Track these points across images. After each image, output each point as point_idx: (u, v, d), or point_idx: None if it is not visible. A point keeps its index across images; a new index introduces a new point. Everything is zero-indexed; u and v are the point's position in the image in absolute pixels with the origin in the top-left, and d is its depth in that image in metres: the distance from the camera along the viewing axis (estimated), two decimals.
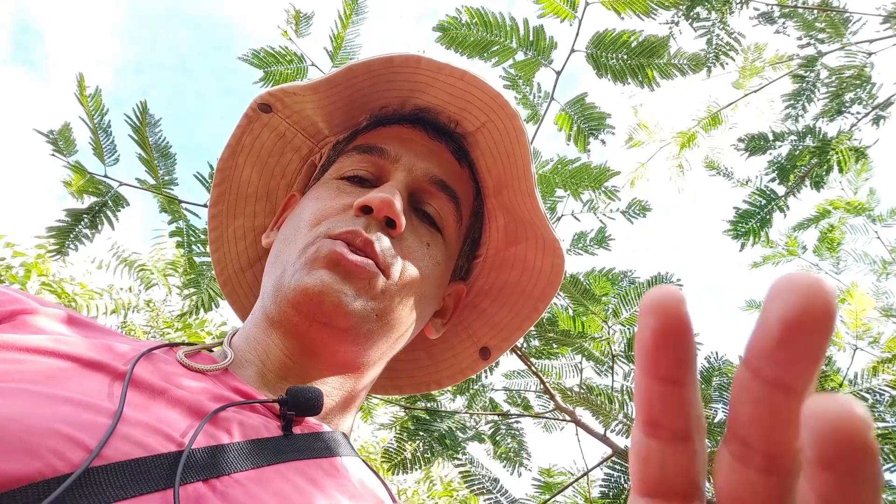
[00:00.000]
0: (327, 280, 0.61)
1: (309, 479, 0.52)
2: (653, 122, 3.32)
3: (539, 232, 0.81)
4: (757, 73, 3.10)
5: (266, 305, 0.66)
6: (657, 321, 0.24)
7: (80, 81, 1.53)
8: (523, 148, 0.75)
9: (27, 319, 0.55)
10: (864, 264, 2.93)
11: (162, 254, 3.75)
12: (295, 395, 0.57)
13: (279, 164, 0.83)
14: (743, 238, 2.53)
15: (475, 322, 0.88)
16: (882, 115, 2.62)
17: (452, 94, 0.75)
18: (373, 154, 0.74)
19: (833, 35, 2.62)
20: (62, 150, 1.57)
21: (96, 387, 0.47)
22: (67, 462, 0.39)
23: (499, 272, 0.87)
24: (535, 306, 0.86)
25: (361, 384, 0.70)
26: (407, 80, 0.75)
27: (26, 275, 4.14)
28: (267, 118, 0.78)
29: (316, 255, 0.63)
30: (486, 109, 0.75)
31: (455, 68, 0.71)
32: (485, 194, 0.83)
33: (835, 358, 1.68)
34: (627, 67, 1.57)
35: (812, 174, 2.67)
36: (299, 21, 1.74)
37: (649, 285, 1.81)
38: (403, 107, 0.79)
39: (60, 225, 1.58)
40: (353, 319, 0.62)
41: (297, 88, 0.75)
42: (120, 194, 1.64)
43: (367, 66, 0.72)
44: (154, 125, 1.59)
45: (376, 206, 0.65)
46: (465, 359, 0.89)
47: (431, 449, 1.87)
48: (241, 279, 0.87)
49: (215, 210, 0.83)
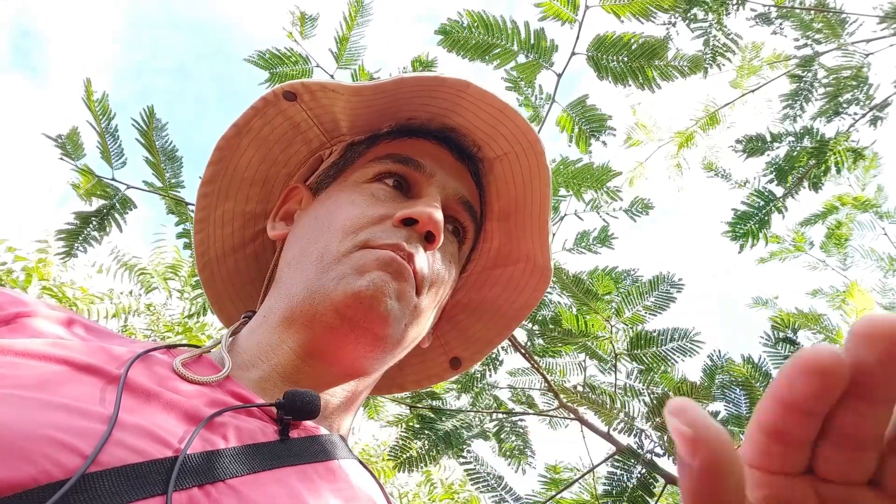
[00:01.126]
0: (379, 280, 0.62)
1: (305, 483, 0.52)
2: (651, 122, 3.34)
3: (535, 262, 0.84)
4: (755, 72, 3.12)
5: (293, 306, 0.65)
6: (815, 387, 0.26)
7: (88, 86, 1.55)
8: (545, 185, 0.79)
9: (27, 322, 0.56)
10: (871, 261, 2.94)
11: (162, 257, 3.76)
12: (292, 399, 0.57)
13: (284, 153, 0.82)
14: (742, 239, 2.55)
15: (449, 333, 0.90)
16: (879, 115, 2.64)
17: (483, 121, 0.77)
18: (409, 166, 0.75)
19: (830, 35, 2.64)
20: (70, 153, 1.59)
21: (91, 391, 0.47)
22: (62, 468, 0.39)
23: (479, 289, 0.89)
24: (508, 324, 0.89)
25: (364, 387, 0.71)
26: (448, 100, 0.76)
27: (27, 279, 4.13)
28: (286, 105, 0.77)
29: (363, 260, 0.63)
30: (513, 141, 0.77)
31: (497, 99, 0.74)
32: (487, 217, 0.86)
33: None
34: (628, 69, 1.59)
35: (810, 175, 2.68)
36: (304, 23, 1.76)
37: (651, 285, 1.83)
38: (430, 122, 0.80)
39: (69, 228, 1.60)
40: (392, 327, 0.63)
41: (340, 87, 0.74)
42: (127, 197, 1.66)
43: (417, 81, 0.73)
44: (161, 129, 1.61)
45: (424, 220, 0.66)
46: (433, 367, 0.91)
47: (436, 447, 1.88)
48: (221, 264, 0.85)
49: (207, 189, 0.80)
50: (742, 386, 1.78)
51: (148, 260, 3.78)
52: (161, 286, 3.83)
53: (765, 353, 1.76)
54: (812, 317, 1.85)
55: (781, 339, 1.69)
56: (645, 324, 1.85)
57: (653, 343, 1.82)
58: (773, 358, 1.75)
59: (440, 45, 1.63)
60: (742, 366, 1.76)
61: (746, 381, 1.76)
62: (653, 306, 1.82)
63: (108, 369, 0.50)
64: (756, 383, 1.75)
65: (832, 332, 1.85)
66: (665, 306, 1.81)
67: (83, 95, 1.56)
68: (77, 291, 4.29)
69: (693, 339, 1.79)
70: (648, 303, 1.82)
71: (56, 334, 0.55)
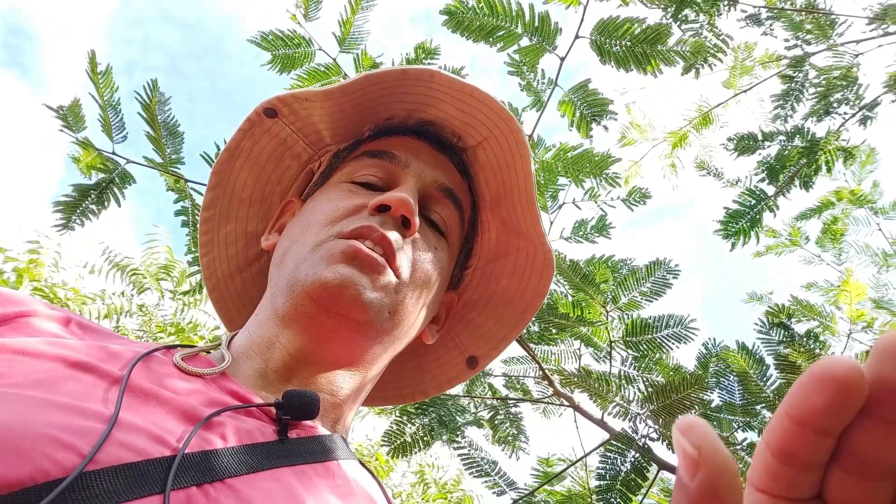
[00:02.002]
0: (346, 273, 0.62)
1: (304, 483, 0.52)
2: (645, 121, 3.37)
3: (533, 242, 0.84)
4: (747, 72, 3.16)
5: (277, 303, 0.66)
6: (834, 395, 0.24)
7: (92, 58, 1.54)
8: (525, 160, 0.79)
9: (25, 322, 0.56)
10: (866, 256, 2.98)
11: (154, 258, 3.74)
12: (291, 399, 0.57)
13: (276, 170, 0.84)
14: (733, 238, 2.58)
15: (462, 332, 0.90)
16: (869, 115, 2.68)
17: (459, 110, 0.78)
18: (383, 159, 0.76)
19: (820, 36, 2.68)
20: (71, 125, 1.58)
21: (90, 391, 0.47)
22: (60, 467, 0.39)
23: (487, 284, 0.89)
24: (522, 316, 0.89)
25: (362, 383, 0.71)
26: (418, 92, 0.77)
27: (18, 280, 4.08)
28: (270, 123, 0.79)
29: (332, 251, 0.64)
30: (490, 125, 0.78)
31: (465, 84, 0.74)
32: (480, 207, 0.86)
33: (829, 344, 1.72)
34: (631, 54, 1.61)
35: (801, 174, 2.72)
36: (308, 4, 1.76)
37: (648, 271, 1.84)
38: (408, 119, 0.82)
39: (67, 199, 1.58)
40: (371, 313, 0.63)
41: (311, 94, 0.76)
42: (127, 171, 1.65)
43: (382, 77, 0.75)
44: (164, 103, 1.60)
45: (395, 204, 0.67)
46: (451, 368, 0.91)
47: (431, 432, 1.88)
48: (229, 285, 0.87)
49: (208, 214, 0.83)
50: (736, 374, 1.79)
51: (140, 261, 3.76)
52: (153, 287, 3.80)
53: (759, 339, 1.77)
54: (807, 305, 1.87)
55: (776, 324, 1.71)
56: (641, 310, 1.86)
57: (648, 330, 1.83)
58: (767, 345, 1.77)
59: (445, 27, 1.63)
60: (736, 352, 1.77)
61: (741, 369, 1.78)
62: (649, 292, 1.83)
63: (107, 368, 0.50)
64: (751, 371, 1.77)
65: (826, 318, 1.88)
66: (661, 292, 1.82)
67: (87, 68, 1.55)
68: (69, 292, 4.25)
69: (688, 325, 1.80)
70: (644, 289, 1.83)
71: (55, 333, 0.56)
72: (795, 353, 1.60)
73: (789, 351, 1.62)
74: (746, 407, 1.74)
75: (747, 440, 1.73)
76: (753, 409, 1.73)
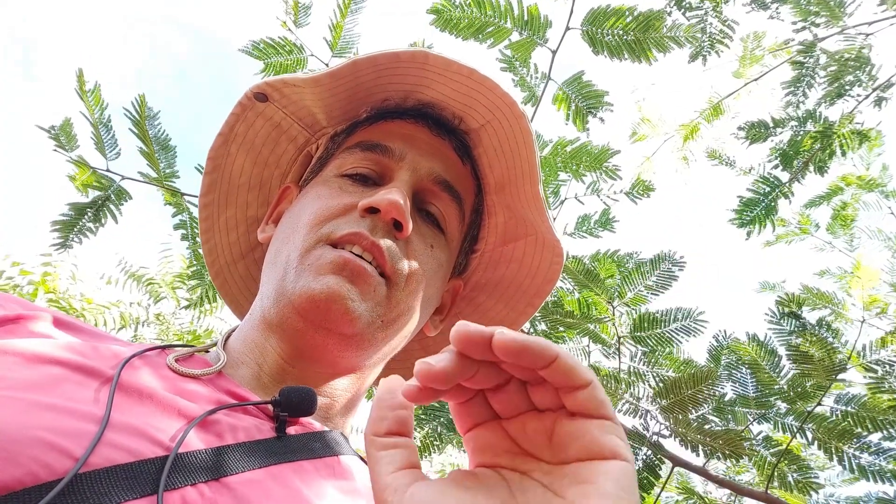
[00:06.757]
0: (334, 285, 0.60)
1: (304, 479, 0.51)
2: (656, 116, 3.31)
3: (539, 230, 0.81)
4: (757, 61, 3.09)
5: (265, 308, 0.65)
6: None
7: (80, 77, 1.55)
8: (530, 150, 0.75)
9: (21, 324, 0.55)
10: (878, 241, 2.90)
11: (170, 267, 3.77)
12: (288, 396, 0.56)
13: (273, 154, 0.82)
14: (749, 226, 2.53)
15: (470, 316, 0.88)
16: (884, 96, 2.61)
17: (458, 91, 0.74)
18: (376, 152, 0.72)
19: (829, 18, 2.62)
20: (64, 145, 1.59)
21: (84, 392, 0.46)
22: (50, 470, 0.38)
23: (496, 268, 0.86)
24: (531, 301, 0.86)
25: (361, 386, 0.69)
26: (413, 75, 0.73)
27: (34, 293, 4.15)
28: (262, 107, 0.77)
29: (320, 261, 0.61)
30: (492, 108, 0.74)
31: (463, 66, 0.70)
32: (485, 191, 0.83)
33: (843, 331, 1.67)
34: (624, 43, 1.58)
35: (815, 159, 2.66)
36: (298, 11, 1.76)
37: (653, 264, 1.80)
38: (406, 101, 0.78)
39: (64, 219, 1.59)
40: (360, 326, 0.61)
41: (298, 80, 0.73)
42: (122, 188, 1.66)
43: (372, 61, 0.71)
44: (153, 118, 1.61)
45: (384, 207, 0.64)
46: None
47: (440, 436, 1.86)
48: (232, 270, 0.86)
49: (206, 199, 0.81)
50: (748, 365, 1.75)
51: (155, 270, 3.80)
52: (169, 295, 3.83)
53: (770, 329, 1.72)
54: (818, 293, 1.82)
55: (787, 314, 1.66)
56: (647, 304, 1.82)
57: (656, 324, 1.79)
58: (779, 335, 1.71)
59: (432, 25, 1.62)
60: (748, 344, 1.73)
61: (753, 361, 1.73)
62: (654, 286, 1.79)
63: (101, 369, 0.49)
64: (763, 362, 1.72)
65: (839, 306, 1.82)
66: (667, 285, 1.78)
67: (76, 86, 1.56)
68: (84, 304, 4.30)
69: (697, 318, 1.75)
70: (650, 282, 1.79)
71: (49, 335, 0.55)
72: (807, 342, 1.55)
73: (801, 341, 1.57)
74: (760, 399, 1.69)
75: (762, 433, 1.68)
76: (768, 401, 1.68)
